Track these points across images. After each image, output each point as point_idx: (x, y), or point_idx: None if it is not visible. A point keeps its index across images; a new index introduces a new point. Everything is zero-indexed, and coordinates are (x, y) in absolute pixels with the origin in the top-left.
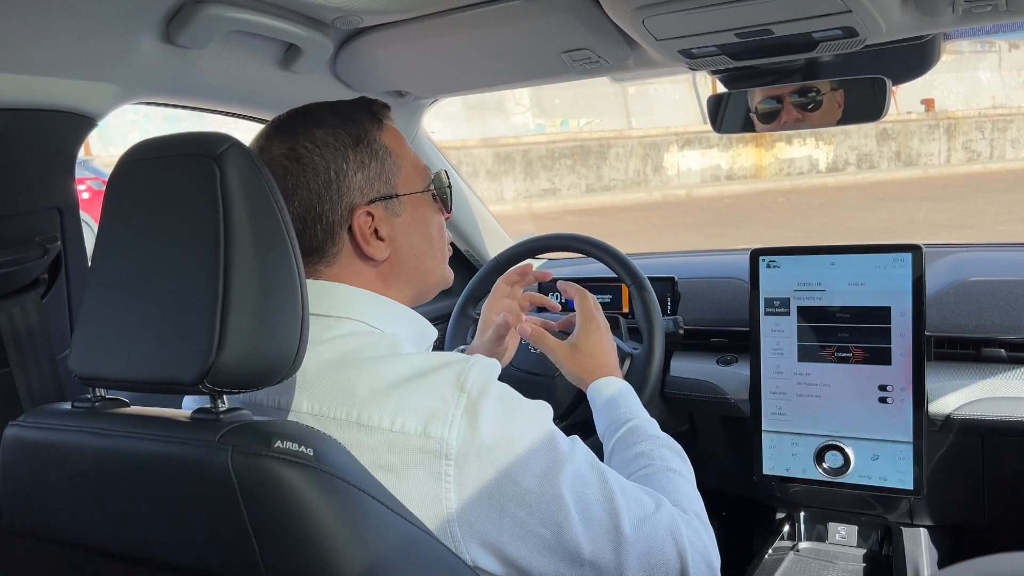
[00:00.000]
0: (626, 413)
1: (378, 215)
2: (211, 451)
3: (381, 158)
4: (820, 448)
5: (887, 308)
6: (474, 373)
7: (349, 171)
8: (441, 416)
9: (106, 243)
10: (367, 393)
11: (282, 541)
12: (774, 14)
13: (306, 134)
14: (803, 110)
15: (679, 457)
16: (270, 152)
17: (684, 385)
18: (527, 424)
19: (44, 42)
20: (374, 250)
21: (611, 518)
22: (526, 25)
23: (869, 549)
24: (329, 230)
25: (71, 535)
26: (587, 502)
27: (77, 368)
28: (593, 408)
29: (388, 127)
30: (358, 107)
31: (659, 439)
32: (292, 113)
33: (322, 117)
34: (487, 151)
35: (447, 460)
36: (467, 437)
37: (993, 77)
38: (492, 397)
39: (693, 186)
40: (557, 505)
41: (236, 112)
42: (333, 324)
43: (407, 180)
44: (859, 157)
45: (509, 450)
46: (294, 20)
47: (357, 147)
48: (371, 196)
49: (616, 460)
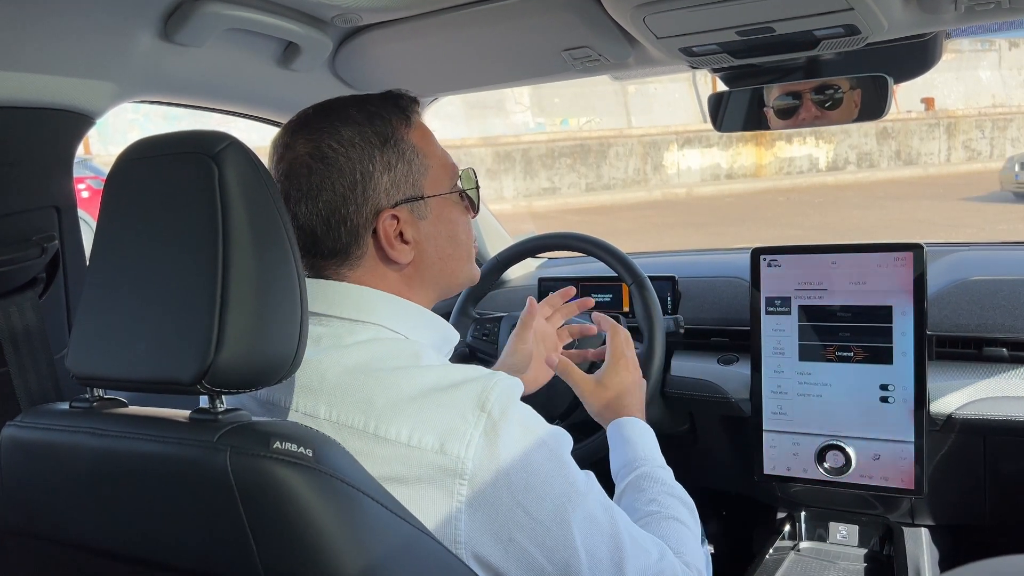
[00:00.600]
0: (641, 457)
1: (403, 218)
2: (209, 452)
3: (408, 158)
4: (821, 448)
5: (888, 307)
6: (496, 392)
7: (375, 173)
8: (459, 434)
9: (104, 242)
10: (386, 404)
11: (280, 542)
12: (775, 12)
13: (332, 132)
14: (821, 107)
15: (686, 508)
16: (295, 150)
17: (685, 384)
18: (547, 453)
19: (42, 40)
20: (398, 254)
21: (616, 564)
22: (526, 23)
23: (870, 549)
24: (353, 233)
25: (68, 535)
26: (595, 544)
27: (75, 368)
28: (610, 445)
29: (416, 124)
30: (386, 102)
31: (670, 487)
32: (317, 109)
33: (348, 114)
34: (487, 150)
35: (461, 479)
36: (484, 458)
37: (993, 76)
38: (513, 420)
39: (693, 185)
40: (566, 543)
41: (235, 110)
42: (357, 329)
43: (434, 181)
44: (859, 156)
45: (526, 478)
46: (293, 18)
47: (384, 147)
48: (397, 199)
49: (625, 501)
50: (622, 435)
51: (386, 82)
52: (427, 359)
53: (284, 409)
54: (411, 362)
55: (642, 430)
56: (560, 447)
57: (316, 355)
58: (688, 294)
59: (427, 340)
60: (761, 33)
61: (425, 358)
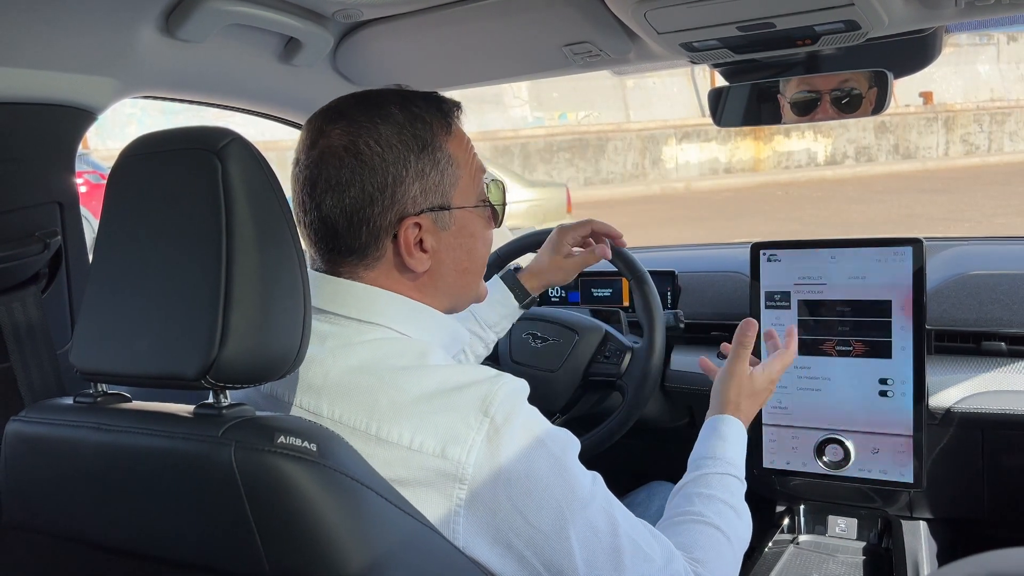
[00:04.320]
0: (725, 459)
1: (426, 226)
2: (214, 447)
3: (442, 168)
4: (820, 442)
5: (888, 302)
6: (500, 396)
7: (407, 179)
8: (461, 439)
9: (108, 237)
10: (389, 406)
11: (285, 536)
12: (776, 7)
13: (371, 129)
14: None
15: (739, 523)
16: (330, 138)
17: (684, 379)
18: (550, 460)
19: (44, 36)
20: (416, 262)
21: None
22: (527, 18)
23: (869, 542)
24: (374, 234)
25: (72, 530)
26: (593, 553)
27: (79, 363)
28: (703, 432)
29: (456, 131)
30: (429, 104)
31: (733, 498)
32: (360, 99)
33: (391, 112)
34: (485, 144)
35: (461, 484)
36: (484, 464)
37: (991, 70)
38: (517, 426)
39: (691, 179)
40: (563, 551)
41: (236, 106)
42: (364, 329)
43: (463, 192)
44: (857, 150)
45: (526, 484)
46: (294, 13)
47: (421, 153)
48: (423, 207)
49: (683, 492)
50: (719, 429)
51: (387, 77)
52: (434, 358)
53: (287, 405)
54: (417, 361)
55: (740, 435)
56: (565, 452)
57: (321, 354)
58: (688, 289)
59: (436, 340)
60: (762, 28)
61: (432, 357)
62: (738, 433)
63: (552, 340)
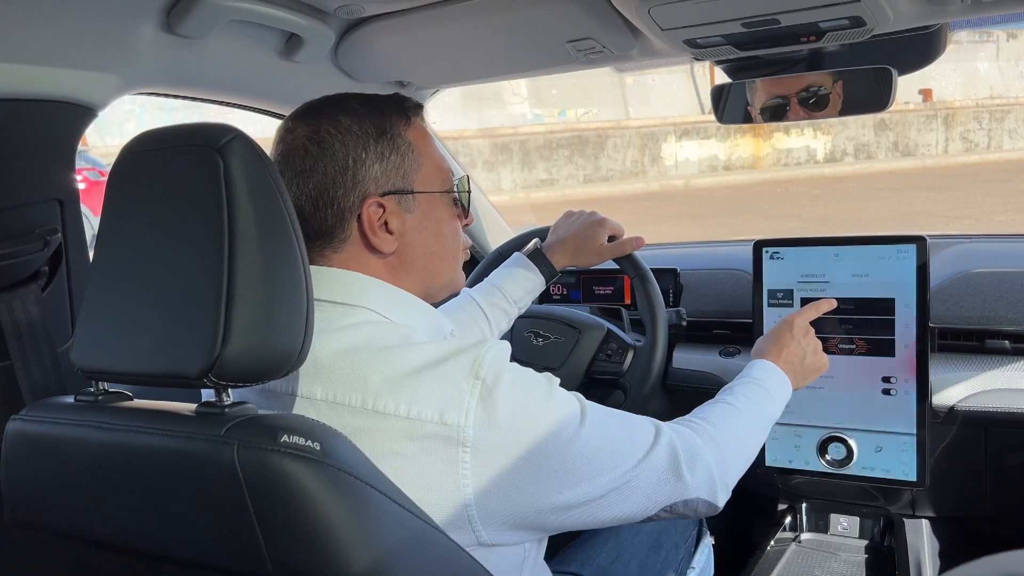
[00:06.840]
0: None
1: (390, 208)
2: (216, 445)
3: (403, 152)
4: (823, 440)
5: (891, 300)
6: (488, 359)
7: (367, 160)
8: (457, 404)
9: (109, 235)
10: (382, 382)
11: (288, 535)
12: (781, 3)
13: (331, 119)
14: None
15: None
16: (294, 132)
17: (687, 377)
18: (541, 407)
19: (44, 32)
20: (380, 242)
21: (619, 464)
22: (530, 14)
23: (871, 540)
24: (339, 216)
25: (73, 529)
26: (599, 457)
27: (80, 361)
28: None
29: (416, 125)
30: (390, 102)
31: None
32: (324, 99)
33: (351, 105)
34: (484, 141)
35: (464, 447)
36: (483, 424)
37: (991, 67)
38: (506, 383)
39: (691, 176)
40: (570, 472)
41: (237, 102)
42: (347, 312)
43: (426, 178)
44: (857, 147)
45: (526, 435)
46: (296, 9)
47: (380, 138)
48: (385, 188)
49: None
50: (754, 367)
51: (388, 74)
52: (419, 338)
53: (280, 393)
54: (404, 341)
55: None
56: (551, 389)
57: None
58: (690, 286)
59: (418, 325)
60: (766, 25)
61: (417, 337)
62: (773, 370)
63: (554, 338)
